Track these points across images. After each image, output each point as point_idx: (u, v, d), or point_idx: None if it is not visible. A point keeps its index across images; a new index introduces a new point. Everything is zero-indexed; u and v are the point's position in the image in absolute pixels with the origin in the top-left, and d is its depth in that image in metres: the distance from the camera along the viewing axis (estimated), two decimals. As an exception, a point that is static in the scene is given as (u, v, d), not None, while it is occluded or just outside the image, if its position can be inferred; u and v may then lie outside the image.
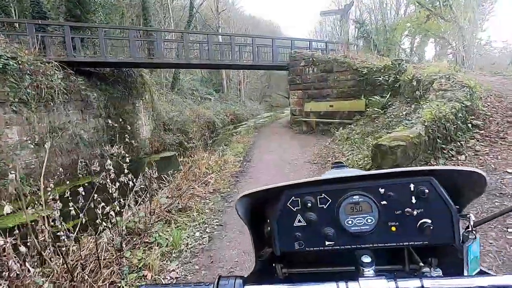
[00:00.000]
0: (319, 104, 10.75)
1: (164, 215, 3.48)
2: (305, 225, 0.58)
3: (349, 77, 10.17)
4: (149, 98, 14.23)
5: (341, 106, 9.76)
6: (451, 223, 0.54)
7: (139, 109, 13.00)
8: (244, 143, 9.44)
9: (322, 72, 10.97)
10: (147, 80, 13.81)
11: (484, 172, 0.52)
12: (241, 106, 27.67)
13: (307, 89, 11.58)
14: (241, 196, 0.59)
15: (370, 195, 0.55)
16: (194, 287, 0.46)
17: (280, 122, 15.31)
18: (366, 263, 0.53)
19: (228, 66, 12.65)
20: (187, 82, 24.85)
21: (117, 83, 11.92)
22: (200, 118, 18.58)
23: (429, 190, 0.54)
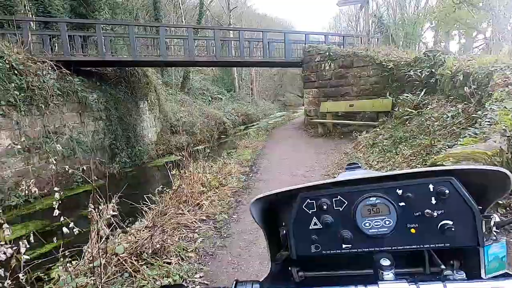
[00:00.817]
0: (337, 103, 9.51)
1: (129, 265, 2.44)
2: (321, 228, 0.56)
3: (371, 73, 8.88)
4: (155, 98, 13.38)
5: (363, 106, 8.50)
6: (473, 224, 0.50)
7: (144, 110, 12.14)
8: (252, 148, 8.36)
9: (340, 68, 9.72)
10: (152, 80, 12.94)
11: (508, 172, 0.48)
12: (253, 106, 26.59)
13: (323, 87, 10.36)
14: (255, 199, 0.57)
15: (388, 197, 0.53)
16: None
17: (294, 123, 14.13)
18: (385, 266, 0.49)
19: (236, 64, 11.59)
20: (197, 81, 24.01)
21: (120, 84, 11.09)
22: (209, 119, 17.63)
23: (450, 190, 0.51)
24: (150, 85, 12.73)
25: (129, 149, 10.65)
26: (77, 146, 8.94)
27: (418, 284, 0.42)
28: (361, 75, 9.13)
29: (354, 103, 8.74)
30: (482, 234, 0.50)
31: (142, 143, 11.53)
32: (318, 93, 10.53)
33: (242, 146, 8.91)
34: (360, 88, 9.21)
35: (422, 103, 6.14)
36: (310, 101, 10.83)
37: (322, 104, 9.84)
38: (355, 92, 9.38)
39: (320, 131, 9.40)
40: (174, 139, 13.88)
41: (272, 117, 24.82)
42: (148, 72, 12.71)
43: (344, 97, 9.71)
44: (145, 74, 12.39)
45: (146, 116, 12.30)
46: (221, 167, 5.94)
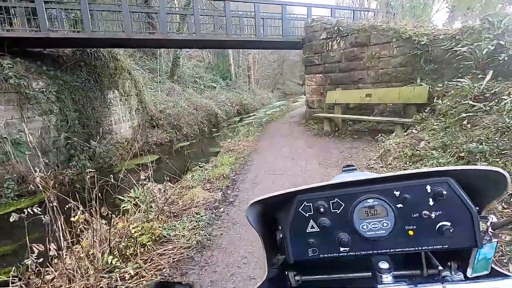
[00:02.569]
0: (348, 93, 7.21)
1: None
2: (318, 231, 0.54)
3: (395, 52, 6.55)
4: (131, 87, 11.08)
5: (384, 96, 6.20)
6: (471, 225, 0.49)
7: (114, 101, 9.88)
8: (237, 153, 6.15)
9: (352, 47, 7.37)
10: (125, 65, 10.63)
11: (504, 171, 0.46)
12: (249, 95, 24.17)
13: (330, 71, 8.03)
14: (251, 203, 0.55)
15: (385, 198, 0.51)
16: None
17: (293, 115, 11.82)
18: (383, 269, 0.48)
19: (220, 44, 9.21)
20: (189, 68, 21.56)
21: (79, 69, 8.79)
22: (199, 109, 15.34)
23: (447, 191, 0.50)
24: (122, 70, 10.40)
25: (92, 149, 8.47)
26: (14, 148, 6.75)
27: (417, 286, 0.41)
28: (381, 55, 6.80)
29: (372, 92, 6.44)
30: (480, 235, 0.49)
31: (110, 141, 9.34)
32: (323, 79, 8.22)
33: (226, 148, 6.70)
34: (379, 72, 6.90)
35: (489, 91, 3.88)
36: (312, 89, 8.53)
37: (329, 93, 7.55)
38: (372, 78, 7.07)
39: (326, 128, 7.15)
40: (154, 135, 11.67)
41: (270, 107, 22.48)
42: (119, 55, 10.36)
43: (357, 84, 7.42)
44: (114, 57, 10.05)
45: (116, 108, 10.04)
46: (177, 194, 3.76)
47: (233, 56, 26.02)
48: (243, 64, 27.78)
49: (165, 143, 11.69)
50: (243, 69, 27.62)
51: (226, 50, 25.78)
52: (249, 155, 5.79)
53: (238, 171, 4.79)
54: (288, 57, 37.57)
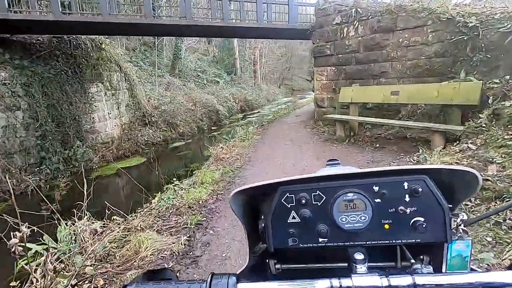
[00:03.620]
0: (367, 90, 5.77)
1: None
2: (299, 222, 0.55)
3: (430, 38, 5.08)
4: (120, 80, 9.84)
5: (416, 94, 4.73)
6: (443, 221, 0.51)
7: (98, 96, 8.66)
8: (228, 162, 4.84)
9: (374, 33, 5.92)
10: (112, 56, 9.37)
11: (477, 172, 0.48)
12: (255, 91, 22.73)
13: (344, 63, 6.60)
14: (235, 192, 0.55)
15: (364, 193, 0.52)
16: (187, 284, 0.42)
17: (299, 114, 10.41)
18: (358, 260, 0.49)
19: (216, 30, 7.82)
20: (192, 62, 20.27)
21: (54, 58, 7.57)
22: (198, 106, 14.06)
23: (423, 188, 0.51)
24: (108, 62, 9.15)
25: (67, 150, 7.30)
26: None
27: (388, 277, 0.42)
28: (411, 42, 5.34)
29: (400, 89, 4.99)
30: (450, 231, 0.51)
31: (91, 141, 8.14)
32: (335, 73, 6.79)
33: (214, 157, 5.39)
34: (407, 64, 5.45)
35: None
36: (323, 85, 7.11)
37: (343, 90, 6.12)
38: (397, 71, 5.63)
39: (339, 133, 5.74)
40: (146, 134, 10.45)
41: (275, 104, 21.04)
42: (104, 44, 9.10)
43: (378, 79, 5.98)
44: (98, 46, 8.79)
45: (101, 103, 8.81)
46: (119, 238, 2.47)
47: (239, 50, 24.58)
48: (250, 58, 26.32)
49: (158, 143, 10.46)
50: (249, 63, 26.17)
51: (231, 43, 24.35)
52: (241, 169, 4.46)
53: (220, 195, 3.47)
54: (296, 52, 35.88)
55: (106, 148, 8.70)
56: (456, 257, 0.52)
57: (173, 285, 0.43)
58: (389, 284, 0.42)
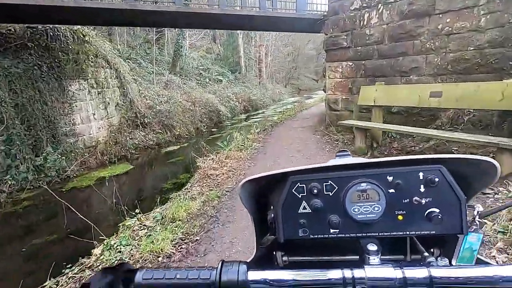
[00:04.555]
0: (396, 89, 4.51)
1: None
2: (310, 212, 0.52)
3: (483, 22, 3.83)
4: (110, 77, 8.77)
5: (468, 95, 3.45)
6: (459, 213, 0.49)
7: (80, 94, 7.59)
8: (216, 182, 3.68)
9: (403, 19, 4.69)
10: (99, 50, 8.28)
11: (495, 162, 0.45)
12: (260, 90, 21.52)
13: (363, 58, 5.37)
14: (244, 181, 0.52)
15: (378, 183, 0.50)
16: (196, 271, 0.41)
17: (306, 116, 9.18)
18: (372, 251, 0.47)
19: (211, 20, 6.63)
20: (195, 60, 19.19)
21: (26, 51, 6.52)
22: (198, 106, 12.94)
23: (439, 178, 0.48)
24: (94, 56, 8.06)
25: (38, 157, 6.25)
26: None
27: (403, 268, 0.40)
28: (456, 29, 4.09)
29: (443, 89, 3.73)
30: (466, 222, 0.49)
31: (70, 145, 7.08)
32: (353, 69, 5.57)
33: (203, 173, 4.23)
34: (449, 57, 4.21)
35: None
36: (336, 84, 5.90)
37: (364, 90, 4.89)
38: (434, 66, 4.39)
39: (359, 144, 4.52)
40: (136, 136, 9.37)
41: (281, 104, 19.83)
42: (88, 36, 8.01)
43: (407, 76, 4.75)
44: (80, 38, 7.71)
45: (84, 103, 7.74)
46: None
47: (244, 47, 23.42)
48: (255, 56, 25.13)
49: (151, 147, 9.36)
50: (254, 62, 24.98)
51: (236, 41, 23.19)
52: (231, 194, 3.29)
53: (193, 244, 2.31)
54: (303, 50, 34.57)
55: (89, 153, 7.64)
56: (467, 250, 0.51)
57: (183, 271, 0.41)
58: (404, 276, 0.39)
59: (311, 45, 35.56)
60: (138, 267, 0.42)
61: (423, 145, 4.11)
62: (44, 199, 5.75)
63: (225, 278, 0.40)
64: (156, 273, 0.41)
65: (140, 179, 6.94)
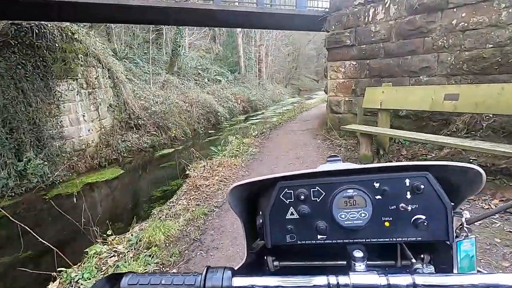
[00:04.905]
0: (405, 91, 4.05)
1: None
2: (297, 218, 0.52)
3: (504, 17, 3.42)
4: (98, 77, 8.36)
5: (490, 99, 3.02)
6: (445, 219, 0.49)
7: (68, 95, 7.17)
8: (206, 195, 3.26)
9: (413, 14, 4.26)
10: (88, 48, 7.86)
11: (481, 169, 0.46)
12: (259, 90, 21.10)
13: (368, 57, 4.95)
14: (233, 186, 0.52)
15: (365, 189, 0.50)
16: (182, 276, 0.41)
17: (307, 118, 8.77)
18: (357, 257, 0.47)
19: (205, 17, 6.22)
20: (193, 59, 18.80)
21: (9, 49, 6.11)
22: (195, 106, 12.54)
23: (425, 185, 0.49)
24: (83, 55, 7.65)
25: (21, 161, 5.85)
26: None
27: (387, 276, 0.40)
28: (472, 24, 3.67)
29: (461, 91, 3.31)
30: (452, 229, 0.49)
31: (56, 149, 6.67)
32: (356, 69, 5.15)
33: (192, 183, 3.81)
34: (464, 56, 3.79)
35: None
36: (339, 85, 5.48)
37: (369, 91, 4.46)
38: (449, 66, 3.96)
39: (364, 151, 4.09)
40: (130, 139, 8.96)
41: (281, 105, 19.42)
42: (77, 34, 7.59)
43: (417, 77, 4.33)
44: (69, 36, 7.30)
45: (73, 104, 7.34)
46: None
47: (244, 47, 23.01)
48: (255, 56, 24.71)
49: (145, 149, 8.96)
50: (254, 62, 24.55)
51: (236, 40, 22.76)
52: (220, 210, 2.88)
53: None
54: (303, 50, 34.17)
55: (78, 157, 7.24)
56: (465, 259, 0.49)
57: (168, 276, 0.41)
58: (388, 283, 0.39)
59: (311, 45, 35.15)
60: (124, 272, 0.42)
61: (436, 153, 3.69)
62: (26, 207, 5.36)
63: (209, 284, 0.39)
64: (142, 279, 0.40)
65: (129, 185, 6.53)
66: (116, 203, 5.50)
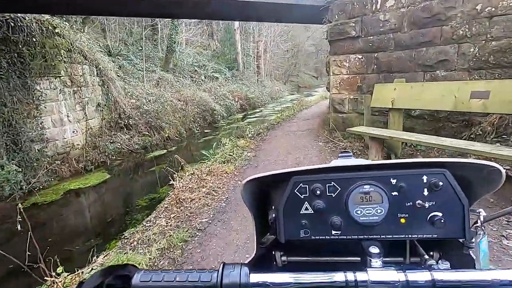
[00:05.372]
0: (423, 88, 3.55)
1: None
2: (312, 213, 0.51)
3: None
4: (85, 74, 7.79)
5: None
6: (462, 217, 0.47)
7: (50, 94, 6.62)
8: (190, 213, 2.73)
9: (428, 0, 3.72)
10: (73, 43, 7.28)
11: (500, 167, 0.43)
12: (258, 87, 20.52)
13: (376, 49, 4.38)
14: (247, 180, 0.51)
15: (381, 185, 0.48)
16: (197, 273, 0.39)
17: (307, 117, 8.22)
18: (374, 253, 0.46)
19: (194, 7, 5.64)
20: (190, 56, 18.20)
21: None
22: (191, 105, 11.98)
23: (443, 182, 0.47)
24: (67, 51, 7.08)
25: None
26: None
27: (406, 272, 0.39)
28: (500, 9, 3.13)
29: (492, 88, 2.77)
30: (469, 227, 0.48)
31: (36, 153, 6.12)
32: (363, 63, 4.60)
33: (175, 196, 3.27)
34: (492, 47, 3.23)
35: None
36: (343, 81, 4.93)
37: (379, 88, 3.91)
38: (472, 58, 3.41)
39: (374, 156, 3.56)
40: (121, 139, 8.41)
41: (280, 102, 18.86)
42: (59, 28, 7.00)
43: (433, 72, 3.77)
44: (50, 30, 6.72)
45: (56, 103, 6.78)
46: None
47: (242, 43, 22.37)
48: (253, 53, 24.08)
49: (135, 151, 8.41)
50: (252, 59, 23.92)
51: (233, 36, 22.11)
52: (204, 233, 2.35)
53: None
54: (303, 47, 33.50)
55: (62, 160, 6.70)
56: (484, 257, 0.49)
57: (183, 273, 0.39)
58: (407, 279, 0.38)
59: (311, 41, 34.47)
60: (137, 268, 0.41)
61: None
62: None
63: (226, 281, 0.39)
64: (155, 275, 0.39)
65: (113, 192, 5.99)
66: (95, 214, 4.96)
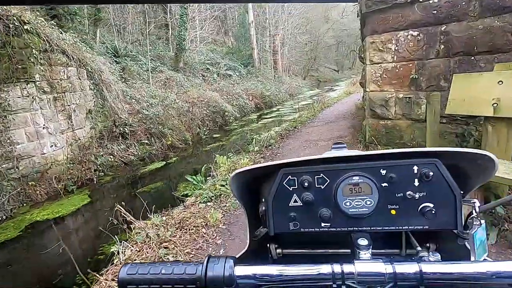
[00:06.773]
0: None
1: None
2: (301, 205, 0.50)
3: None
4: (72, 78, 6.65)
5: None
6: (454, 208, 0.46)
7: (24, 103, 5.53)
8: None
9: None
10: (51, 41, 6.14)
11: (493, 156, 0.42)
12: (275, 84, 18.86)
13: (443, 20, 2.66)
14: (235, 173, 0.50)
15: (371, 176, 0.48)
16: (182, 266, 0.40)
17: (329, 119, 6.54)
18: (362, 246, 0.45)
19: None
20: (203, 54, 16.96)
21: None
22: (199, 106, 10.66)
23: (434, 173, 0.46)
24: (41, 51, 5.93)
25: None
26: None
27: (393, 264, 0.39)
28: None
29: None
30: (461, 218, 0.46)
31: (2, 174, 5.05)
32: (420, 43, 2.90)
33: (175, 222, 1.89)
34: None
35: None
36: (386, 73, 3.28)
37: (461, 81, 2.25)
38: None
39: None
40: (114, 151, 7.24)
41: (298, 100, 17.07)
42: (32, 25, 5.86)
43: None
44: (19, 28, 5.58)
45: (30, 113, 5.67)
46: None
47: (257, 38, 20.78)
48: (270, 48, 22.41)
49: (131, 163, 7.20)
50: (269, 54, 22.25)
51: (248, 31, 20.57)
52: None
53: None
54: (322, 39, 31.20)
55: (38, 181, 5.60)
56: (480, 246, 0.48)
57: (168, 266, 0.40)
58: (394, 271, 0.38)
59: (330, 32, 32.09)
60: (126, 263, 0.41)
61: None
62: None
63: (211, 273, 0.38)
64: (141, 268, 0.39)
65: (84, 226, 4.67)
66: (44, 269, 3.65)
